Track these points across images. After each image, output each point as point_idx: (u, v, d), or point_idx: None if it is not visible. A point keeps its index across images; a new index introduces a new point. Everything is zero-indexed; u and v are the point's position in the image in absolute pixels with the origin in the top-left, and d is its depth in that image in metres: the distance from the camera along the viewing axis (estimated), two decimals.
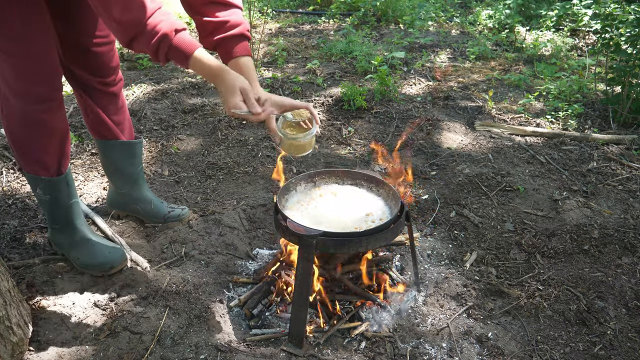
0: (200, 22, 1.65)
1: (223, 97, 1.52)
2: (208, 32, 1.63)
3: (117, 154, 2.16)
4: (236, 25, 1.62)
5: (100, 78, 1.98)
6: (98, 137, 2.12)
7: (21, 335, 1.61)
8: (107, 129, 2.09)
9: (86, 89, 2.00)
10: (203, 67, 1.48)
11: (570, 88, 3.93)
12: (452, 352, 1.73)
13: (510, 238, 2.31)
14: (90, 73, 1.96)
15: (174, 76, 4.27)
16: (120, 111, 2.11)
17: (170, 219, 2.31)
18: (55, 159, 1.89)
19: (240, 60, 1.62)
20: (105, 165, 2.24)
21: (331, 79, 4.25)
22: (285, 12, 7.00)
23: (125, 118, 2.15)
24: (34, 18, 1.64)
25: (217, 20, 1.61)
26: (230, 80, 1.49)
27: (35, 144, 1.85)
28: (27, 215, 2.37)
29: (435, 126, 3.40)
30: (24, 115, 1.77)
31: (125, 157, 2.18)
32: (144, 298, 1.89)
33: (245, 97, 1.49)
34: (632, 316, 1.90)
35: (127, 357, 1.64)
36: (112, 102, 2.06)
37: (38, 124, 1.79)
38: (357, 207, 1.89)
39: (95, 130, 2.11)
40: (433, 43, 5.34)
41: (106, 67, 1.98)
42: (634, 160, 2.97)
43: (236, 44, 1.62)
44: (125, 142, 2.14)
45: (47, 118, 1.80)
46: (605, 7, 3.43)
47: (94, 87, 1.99)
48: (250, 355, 1.67)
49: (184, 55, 1.46)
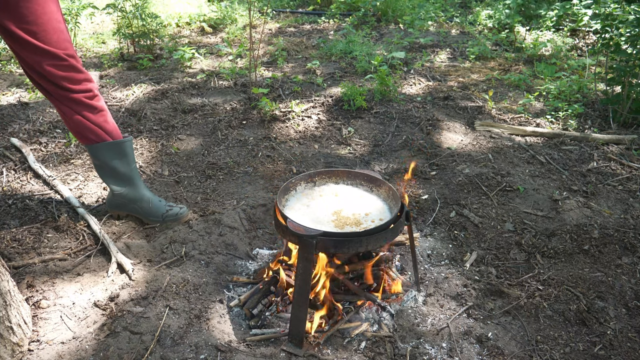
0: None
1: None
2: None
3: (108, 155, 2.16)
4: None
5: (63, 84, 1.97)
6: (85, 141, 2.12)
7: (21, 335, 1.61)
8: (91, 132, 2.09)
9: (56, 96, 2.01)
10: None
11: (570, 88, 3.93)
12: (452, 352, 1.73)
13: (510, 238, 2.31)
14: (50, 82, 1.96)
15: (174, 76, 4.27)
16: (98, 114, 2.10)
17: (169, 217, 2.31)
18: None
19: None
20: (98, 169, 2.24)
21: (331, 79, 4.25)
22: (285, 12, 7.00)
23: (106, 120, 2.13)
24: None
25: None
26: None
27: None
28: (27, 215, 2.37)
29: (435, 126, 3.40)
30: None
31: (116, 157, 2.18)
32: (144, 298, 1.89)
33: None
34: (632, 316, 1.90)
35: (127, 357, 1.64)
36: (85, 106, 2.05)
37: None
38: (357, 207, 1.89)
39: (81, 135, 2.11)
40: (433, 43, 5.34)
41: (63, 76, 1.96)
42: (634, 160, 2.97)
43: None
44: (113, 143, 2.14)
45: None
46: (605, 7, 3.43)
47: (62, 95, 2.00)
48: (250, 355, 1.67)
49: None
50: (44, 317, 1.79)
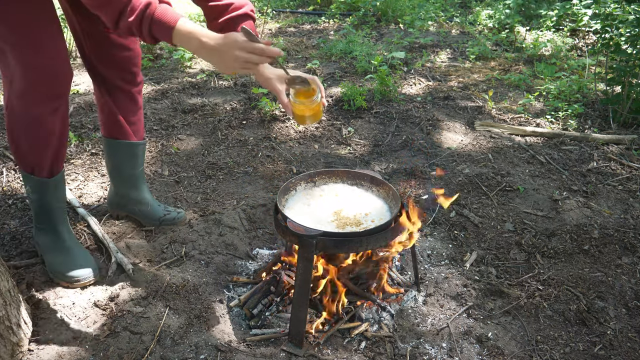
0: (206, 7, 1.67)
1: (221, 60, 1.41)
2: (214, 17, 1.64)
3: (120, 155, 2.17)
4: (240, 6, 1.63)
5: (124, 76, 2.00)
6: (107, 135, 2.13)
7: (21, 335, 1.61)
8: (119, 129, 2.10)
9: (108, 87, 2.01)
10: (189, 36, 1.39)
11: (570, 88, 3.93)
12: (452, 352, 1.73)
13: (510, 238, 2.31)
14: (115, 71, 1.98)
15: (174, 76, 4.27)
16: (137, 112, 2.13)
17: (166, 222, 2.31)
18: (49, 161, 1.87)
19: None
20: (107, 164, 2.25)
21: (331, 79, 4.25)
22: (285, 12, 7.00)
23: (140, 119, 2.16)
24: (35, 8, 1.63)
25: (222, 4, 1.63)
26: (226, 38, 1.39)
27: (32, 145, 1.83)
28: (27, 215, 2.37)
29: (435, 126, 3.40)
30: (27, 116, 1.76)
31: (127, 158, 2.18)
32: (144, 298, 1.89)
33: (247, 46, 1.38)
34: (632, 316, 1.90)
35: (127, 357, 1.64)
36: (131, 102, 2.08)
37: (39, 125, 1.78)
38: (357, 207, 1.89)
39: (107, 129, 2.11)
40: (433, 43, 5.34)
41: (131, 65, 2.00)
42: (634, 160, 2.97)
43: (242, 22, 1.62)
44: (130, 143, 2.14)
45: (50, 120, 1.79)
46: (605, 7, 3.43)
47: (117, 85, 2.01)
48: (250, 355, 1.67)
49: (167, 27, 1.38)
50: (44, 317, 1.79)
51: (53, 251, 1.97)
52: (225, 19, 1.62)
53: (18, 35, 1.62)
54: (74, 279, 1.92)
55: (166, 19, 1.39)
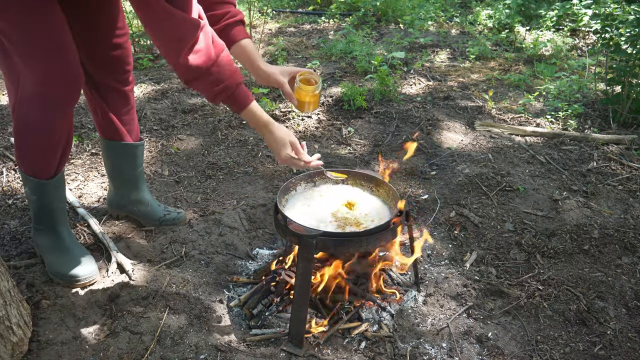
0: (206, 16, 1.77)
1: (273, 147, 1.75)
2: (212, 23, 1.76)
3: (119, 155, 2.17)
4: (235, 14, 1.82)
5: (116, 75, 2.00)
6: (104, 136, 2.13)
7: (21, 335, 1.61)
8: (114, 130, 2.10)
9: (99, 88, 2.00)
10: (256, 118, 1.71)
11: (570, 88, 3.93)
12: (452, 352, 1.73)
13: (510, 238, 2.31)
14: (106, 71, 1.97)
15: (174, 76, 4.27)
16: (130, 111, 2.12)
17: (166, 222, 2.31)
18: (53, 166, 1.86)
19: (243, 43, 1.80)
20: (106, 164, 2.25)
21: (331, 79, 4.25)
22: (285, 12, 7.00)
23: (133, 118, 2.16)
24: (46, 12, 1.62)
25: (220, 12, 1.81)
26: (282, 135, 1.73)
27: (39, 150, 1.82)
28: (27, 215, 2.37)
29: (435, 126, 3.40)
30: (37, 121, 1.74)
31: (126, 159, 2.18)
32: (144, 298, 1.89)
33: (295, 150, 1.75)
34: (632, 316, 1.90)
35: (127, 357, 1.64)
36: (123, 101, 2.07)
37: (49, 131, 1.76)
38: (357, 207, 1.89)
39: (102, 130, 2.12)
40: (433, 43, 5.34)
41: (123, 64, 2.00)
42: (634, 160, 2.97)
43: (236, 27, 1.81)
44: (128, 144, 2.14)
45: (59, 126, 1.77)
46: (605, 7, 3.43)
47: (108, 85, 2.00)
48: (250, 355, 1.67)
49: (240, 105, 1.67)
50: (44, 317, 1.79)
51: (53, 251, 1.97)
52: (223, 24, 1.81)
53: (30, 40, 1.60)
54: (74, 279, 1.92)
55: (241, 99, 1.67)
